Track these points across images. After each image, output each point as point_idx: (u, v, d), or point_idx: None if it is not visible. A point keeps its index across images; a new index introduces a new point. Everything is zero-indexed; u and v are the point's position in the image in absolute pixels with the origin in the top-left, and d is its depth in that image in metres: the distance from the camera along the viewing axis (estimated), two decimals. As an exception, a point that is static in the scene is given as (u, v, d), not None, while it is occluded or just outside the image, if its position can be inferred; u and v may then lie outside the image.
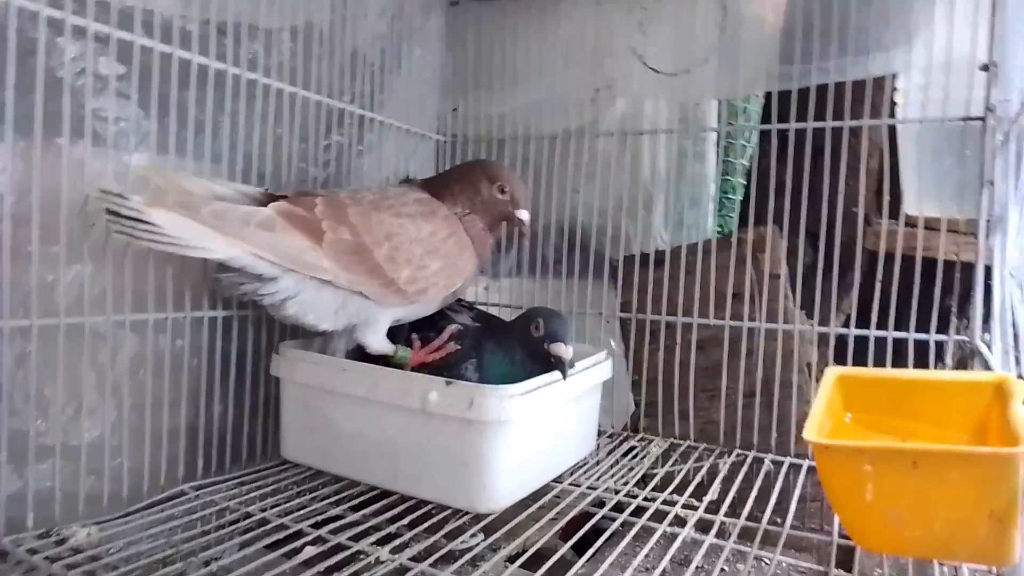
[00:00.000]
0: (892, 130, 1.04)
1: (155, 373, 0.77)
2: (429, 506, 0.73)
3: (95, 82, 0.70)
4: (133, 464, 0.75)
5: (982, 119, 0.86)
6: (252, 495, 0.75)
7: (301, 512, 0.72)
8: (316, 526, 0.68)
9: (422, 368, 0.82)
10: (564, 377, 0.77)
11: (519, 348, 0.82)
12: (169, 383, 0.78)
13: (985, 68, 0.86)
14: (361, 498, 0.76)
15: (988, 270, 0.83)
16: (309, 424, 0.81)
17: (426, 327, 0.86)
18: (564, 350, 0.77)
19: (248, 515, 0.71)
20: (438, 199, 0.85)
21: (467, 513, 0.72)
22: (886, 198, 0.93)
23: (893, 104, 1.01)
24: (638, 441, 1.01)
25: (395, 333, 0.84)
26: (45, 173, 0.66)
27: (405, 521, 0.70)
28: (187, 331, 0.80)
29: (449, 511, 0.73)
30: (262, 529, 0.68)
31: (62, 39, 0.67)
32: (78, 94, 0.69)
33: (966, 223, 0.88)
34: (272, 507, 0.73)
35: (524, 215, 0.88)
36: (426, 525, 0.70)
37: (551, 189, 1.13)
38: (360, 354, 0.82)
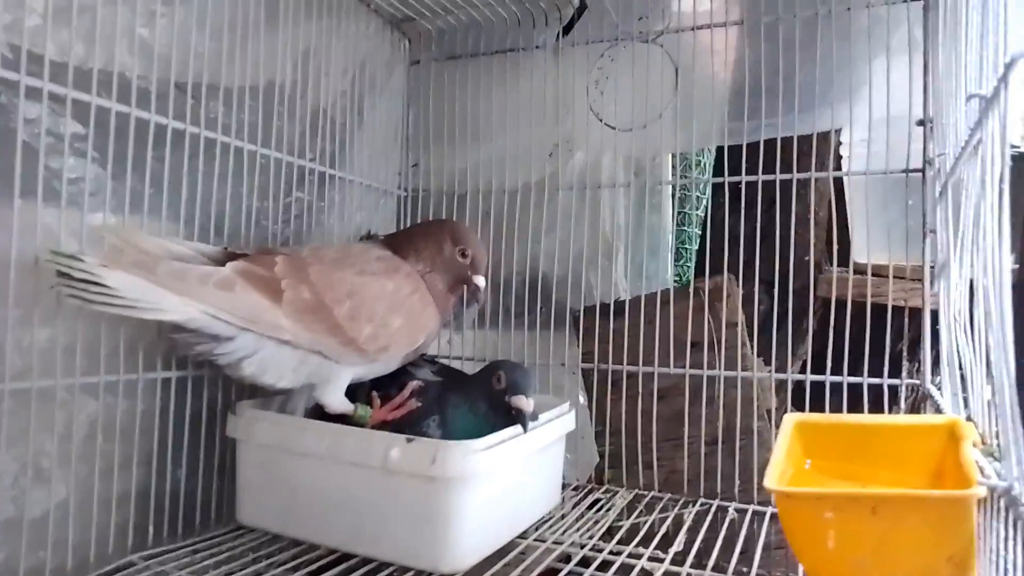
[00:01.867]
0: (839, 181, 1.08)
1: (106, 437, 0.74)
2: (391, 568, 0.71)
3: (51, 142, 0.70)
4: (80, 534, 0.72)
5: (921, 171, 0.91)
6: (205, 563, 0.72)
7: (257, 579, 0.70)
8: (273, 594, 0.66)
9: (384, 426, 0.81)
10: (524, 430, 0.77)
11: (482, 401, 0.81)
12: (120, 447, 0.76)
13: (921, 123, 0.90)
14: (320, 562, 0.73)
15: (935, 315, 0.86)
16: (267, 486, 0.79)
17: (387, 383, 0.85)
18: (525, 403, 0.77)
19: (202, 585, 0.68)
20: (400, 255, 0.85)
21: (431, 574, 0.70)
22: (835, 247, 0.96)
23: (839, 157, 1.06)
24: (603, 493, 1.01)
25: (355, 390, 0.83)
26: (-4, 233, 0.65)
27: (367, 585, 0.68)
28: (139, 393, 0.78)
29: (412, 572, 0.71)
30: (216, 600, 0.65)
31: (17, 100, 0.66)
32: (33, 153, 0.68)
33: (912, 270, 0.92)
34: (227, 576, 0.70)
35: (481, 281, 0.89)
36: (388, 589, 0.68)
37: (512, 242, 1.14)
38: (320, 413, 0.81)
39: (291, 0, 0.96)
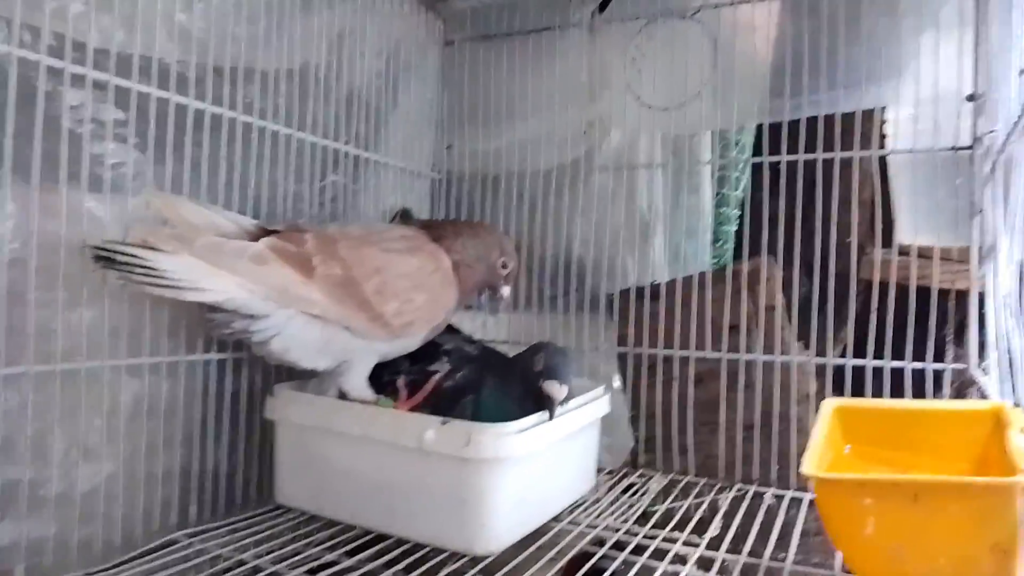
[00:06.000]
0: (883, 161, 1.05)
1: (150, 418, 0.77)
2: (426, 549, 0.72)
3: (94, 128, 0.72)
4: (127, 511, 0.74)
5: (970, 148, 0.87)
6: (246, 542, 0.74)
7: (295, 559, 0.71)
8: (311, 573, 0.67)
9: (422, 405, 0.82)
10: (551, 417, 0.76)
11: (518, 383, 0.81)
12: (164, 428, 0.78)
13: (971, 99, 0.87)
14: (356, 542, 0.75)
15: (982, 298, 0.83)
16: (304, 466, 0.80)
17: (418, 362, 0.86)
18: (557, 389, 0.77)
19: (242, 563, 0.70)
20: (443, 240, 0.86)
21: (465, 556, 0.71)
22: (879, 228, 0.93)
23: (883, 135, 1.02)
24: (638, 477, 1.00)
25: (382, 369, 0.84)
26: (44, 218, 0.66)
27: (401, 566, 0.69)
28: (182, 375, 0.80)
29: (446, 554, 0.71)
30: (255, 577, 0.67)
31: (62, 87, 0.68)
32: (77, 140, 0.69)
33: (959, 251, 0.89)
34: (266, 554, 0.72)
35: (508, 292, 0.92)
36: (423, 569, 0.69)
37: (547, 223, 1.13)
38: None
39: (325, -18, 0.96)
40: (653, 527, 0.82)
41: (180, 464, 0.80)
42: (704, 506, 0.90)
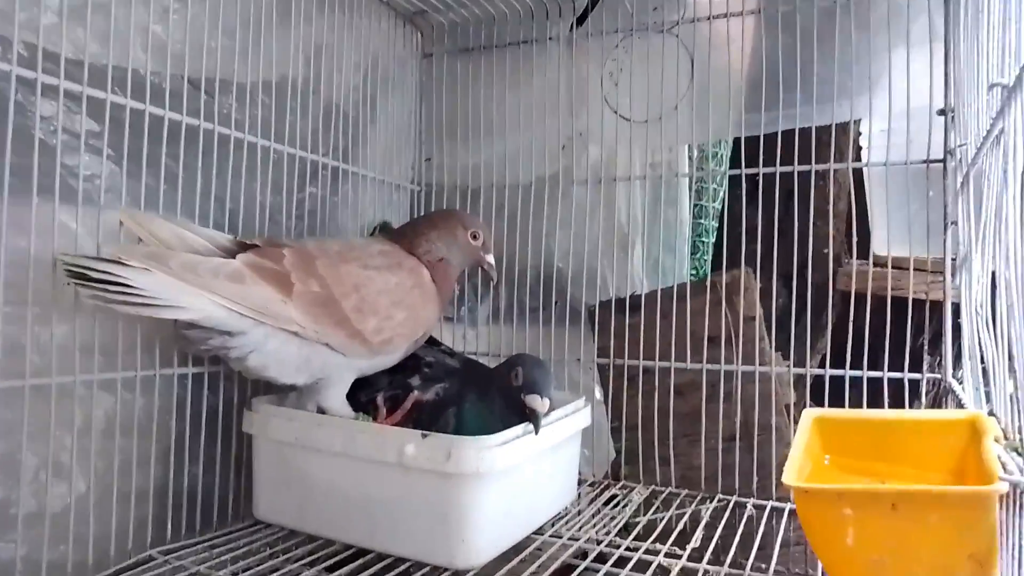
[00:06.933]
0: (858, 173, 1.07)
1: (124, 433, 0.75)
2: (407, 564, 0.72)
3: (67, 139, 0.70)
4: (100, 529, 0.72)
5: (942, 161, 0.89)
6: (223, 558, 0.73)
7: (274, 575, 0.70)
8: (290, 588, 0.66)
9: (404, 419, 0.82)
10: (536, 432, 0.76)
11: (498, 397, 0.81)
12: (138, 443, 0.76)
13: (942, 113, 0.89)
14: (337, 558, 0.74)
15: (957, 308, 0.85)
16: (283, 481, 0.79)
17: (398, 379, 0.86)
18: (539, 403, 0.76)
19: (219, 579, 0.68)
20: (412, 245, 0.86)
21: (446, 570, 0.71)
22: (855, 239, 0.95)
23: (858, 148, 1.04)
24: (619, 489, 1.00)
25: (361, 386, 0.83)
26: (14, 230, 0.65)
27: (382, 581, 0.69)
28: (156, 389, 0.78)
29: (428, 568, 0.71)
30: (233, 594, 0.66)
31: (34, 97, 0.67)
32: (50, 151, 0.68)
33: (933, 262, 0.90)
34: (244, 571, 0.70)
35: (491, 259, 0.92)
36: (404, 584, 0.68)
37: (526, 236, 1.13)
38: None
39: (303, -5, 0.96)
40: (635, 539, 0.82)
41: (155, 481, 0.79)
42: (686, 517, 0.90)
